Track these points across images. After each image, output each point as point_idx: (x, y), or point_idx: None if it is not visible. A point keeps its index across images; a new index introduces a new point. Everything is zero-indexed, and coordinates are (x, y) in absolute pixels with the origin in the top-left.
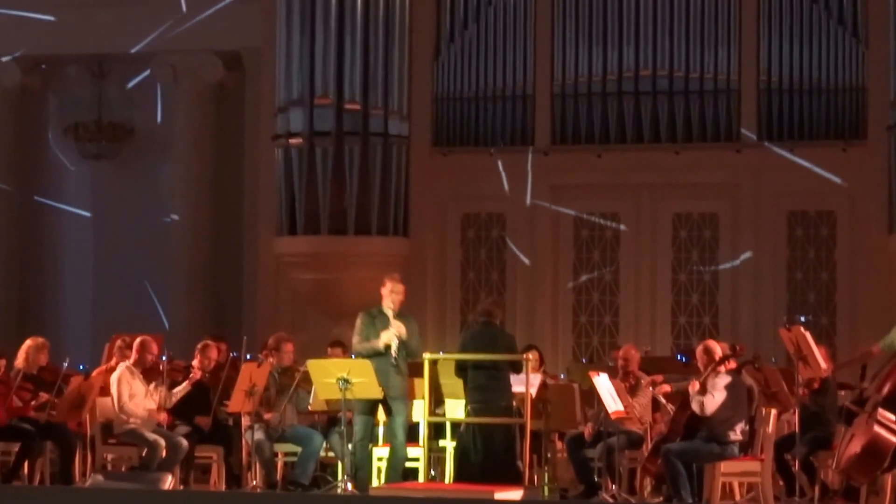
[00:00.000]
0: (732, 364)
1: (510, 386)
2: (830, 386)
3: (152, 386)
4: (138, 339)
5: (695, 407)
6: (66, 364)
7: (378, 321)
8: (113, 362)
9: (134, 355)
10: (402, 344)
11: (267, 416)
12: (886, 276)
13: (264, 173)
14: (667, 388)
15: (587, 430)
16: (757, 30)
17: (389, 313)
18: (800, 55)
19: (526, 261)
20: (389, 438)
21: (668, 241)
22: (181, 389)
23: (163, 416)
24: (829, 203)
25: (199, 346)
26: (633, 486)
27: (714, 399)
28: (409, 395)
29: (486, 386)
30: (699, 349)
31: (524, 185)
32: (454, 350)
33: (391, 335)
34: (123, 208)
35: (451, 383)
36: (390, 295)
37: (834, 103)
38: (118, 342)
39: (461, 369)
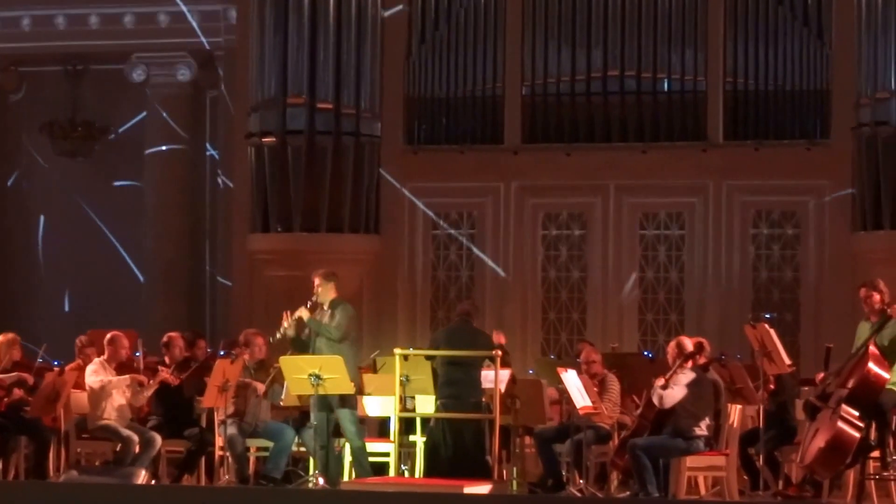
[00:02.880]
0: (702, 360)
1: (480, 382)
2: (787, 384)
3: (125, 383)
4: (109, 335)
5: (655, 400)
6: (39, 360)
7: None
8: (79, 361)
9: (106, 351)
10: (312, 327)
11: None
12: (850, 274)
13: (237, 171)
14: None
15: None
16: (723, 31)
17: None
18: (765, 56)
19: (495, 267)
20: (342, 433)
21: (635, 239)
22: (149, 388)
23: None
24: (794, 202)
25: (164, 340)
26: (600, 481)
27: (673, 393)
28: (360, 389)
29: (458, 380)
30: (671, 344)
31: (494, 184)
32: (424, 346)
33: (297, 315)
34: (98, 205)
35: (421, 379)
36: (318, 287)
37: (799, 104)
38: (78, 340)
39: (434, 366)
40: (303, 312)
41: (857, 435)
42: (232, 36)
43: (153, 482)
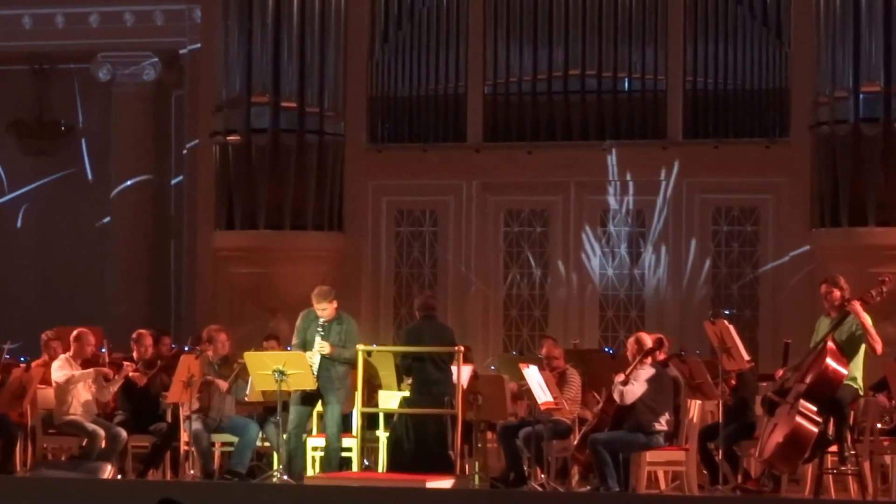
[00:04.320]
0: (662, 356)
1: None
2: (748, 379)
3: (91, 379)
4: (75, 332)
5: (615, 396)
6: (6, 356)
7: (312, 326)
8: (45, 357)
9: (72, 347)
10: (330, 358)
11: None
12: (808, 271)
13: (202, 169)
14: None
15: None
16: (682, 31)
17: (319, 327)
18: (724, 56)
19: (457, 262)
20: (323, 429)
21: (596, 236)
22: (115, 383)
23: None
24: (753, 200)
25: (133, 336)
26: (561, 475)
27: (633, 389)
28: (352, 387)
29: (438, 379)
30: (630, 340)
31: (456, 182)
32: (388, 343)
33: (311, 354)
34: (63, 204)
35: (387, 374)
36: (318, 312)
37: (758, 102)
38: (44, 335)
39: (405, 361)
40: (324, 349)
41: (815, 430)
42: (197, 35)
43: (119, 477)
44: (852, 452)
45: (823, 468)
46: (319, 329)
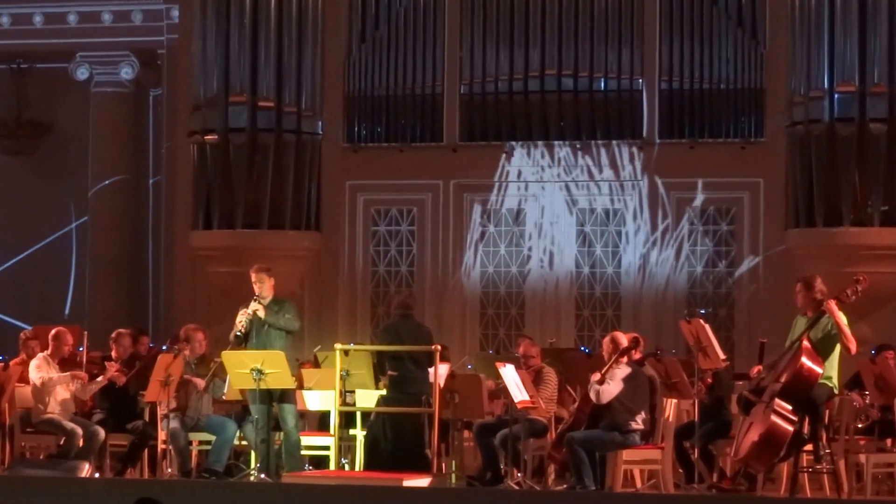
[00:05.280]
0: (638, 355)
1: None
2: (724, 378)
3: (66, 381)
4: (53, 331)
5: (592, 395)
6: None
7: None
8: (23, 356)
9: (50, 346)
10: (267, 323)
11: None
12: (783, 270)
13: (180, 169)
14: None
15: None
16: (658, 31)
17: (257, 301)
18: (700, 56)
19: (434, 262)
20: (281, 426)
21: (572, 235)
22: (97, 384)
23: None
24: (729, 200)
25: (112, 336)
26: (538, 474)
27: (609, 388)
28: (298, 384)
29: (415, 378)
30: (606, 339)
31: (433, 181)
32: (365, 342)
33: (243, 311)
34: (42, 203)
35: (361, 373)
36: (255, 286)
37: (733, 103)
38: (22, 334)
39: (382, 360)
40: (259, 310)
41: (791, 429)
42: (174, 35)
43: (97, 475)
44: (827, 451)
45: (799, 467)
46: (255, 298)
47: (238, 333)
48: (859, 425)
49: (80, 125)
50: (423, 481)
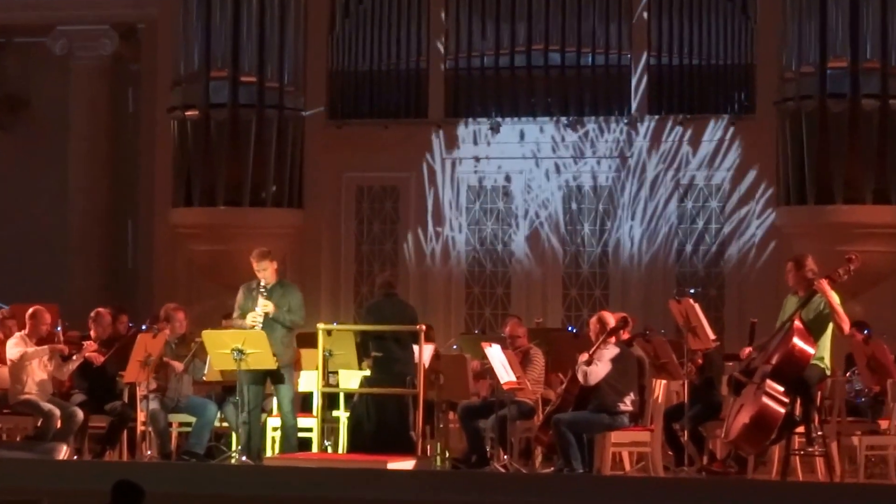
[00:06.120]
0: (626, 335)
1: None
2: (714, 359)
3: (46, 357)
4: (30, 309)
5: (579, 377)
6: None
7: (255, 293)
8: (1, 335)
9: (27, 325)
10: (272, 318)
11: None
12: (774, 249)
13: (160, 145)
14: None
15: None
16: (647, 6)
17: (262, 289)
18: (689, 31)
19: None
20: (278, 409)
21: (559, 213)
22: (74, 362)
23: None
24: (718, 176)
25: (91, 315)
26: (524, 456)
27: (597, 370)
28: (296, 366)
29: (399, 358)
30: (593, 319)
31: (418, 158)
32: (349, 322)
33: (255, 315)
34: (19, 179)
35: (345, 353)
36: (258, 273)
37: (723, 78)
38: None
39: (365, 340)
40: (268, 307)
41: (782, 410)
42: (154, 8)
43: (75, 457)
44: (819, 433)
45: (790, 449)
46: (262, 290)
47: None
48: (862, 399)
49: (59, 100)
50: (407, 464)
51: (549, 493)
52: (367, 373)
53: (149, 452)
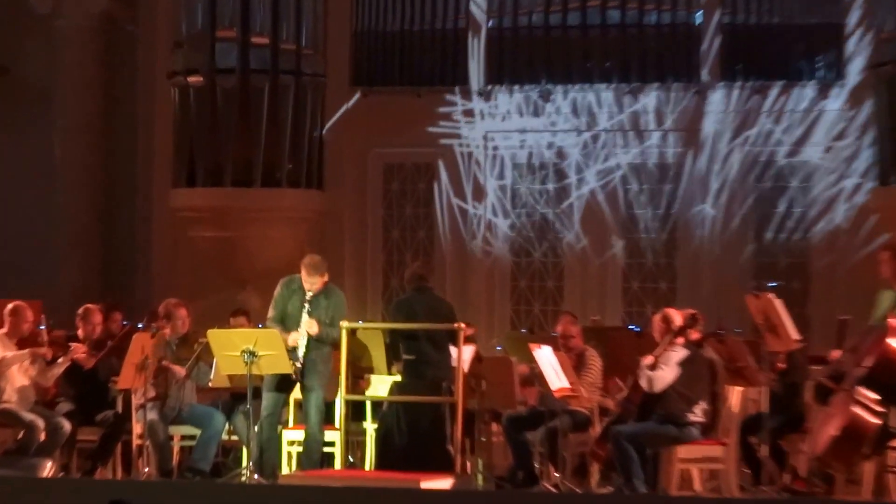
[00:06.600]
0: (695, 335)
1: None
2: (798, 361)
3: (27, 361)
4: (10, 306)
5: (642, 383)
6: None
7: (296, 297)
8: None
9: (7, 323)
10: (317, 339)
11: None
12: (868, 235)
13: (159, 117)
14: None
15: None
16: None
17: (306, 301)
18: None
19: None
20: (304, 420)
21: (619, 194)
22: (59, 365)
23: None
24: (802, 152)
25: (79, 312)
26: (579, 474)
27: (664, 375)
28: (335, 372)
29: (434, 362)
30: (657, 317)
31: (455, 131)
32: (376, 319)
33: (297, 338)
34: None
35: (376, 355)
36: (305, 283)
37: (808, 40)
38: None
39: (395, 341)
40: (312, 328)
41: (876, 421)
42: None
43: (62, 475)
44: None
45: (885, 466)
46: (306, 304)
47: (298, 365)
48: None
49: (43, 67)
50: (444, 483)
51: None
52: (398, 378)
53: (146, 469)
